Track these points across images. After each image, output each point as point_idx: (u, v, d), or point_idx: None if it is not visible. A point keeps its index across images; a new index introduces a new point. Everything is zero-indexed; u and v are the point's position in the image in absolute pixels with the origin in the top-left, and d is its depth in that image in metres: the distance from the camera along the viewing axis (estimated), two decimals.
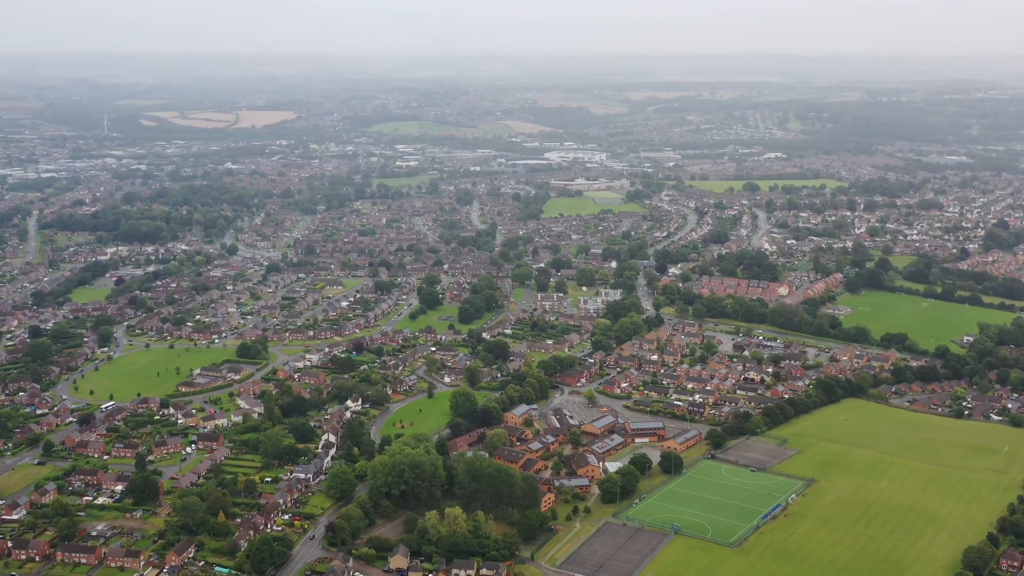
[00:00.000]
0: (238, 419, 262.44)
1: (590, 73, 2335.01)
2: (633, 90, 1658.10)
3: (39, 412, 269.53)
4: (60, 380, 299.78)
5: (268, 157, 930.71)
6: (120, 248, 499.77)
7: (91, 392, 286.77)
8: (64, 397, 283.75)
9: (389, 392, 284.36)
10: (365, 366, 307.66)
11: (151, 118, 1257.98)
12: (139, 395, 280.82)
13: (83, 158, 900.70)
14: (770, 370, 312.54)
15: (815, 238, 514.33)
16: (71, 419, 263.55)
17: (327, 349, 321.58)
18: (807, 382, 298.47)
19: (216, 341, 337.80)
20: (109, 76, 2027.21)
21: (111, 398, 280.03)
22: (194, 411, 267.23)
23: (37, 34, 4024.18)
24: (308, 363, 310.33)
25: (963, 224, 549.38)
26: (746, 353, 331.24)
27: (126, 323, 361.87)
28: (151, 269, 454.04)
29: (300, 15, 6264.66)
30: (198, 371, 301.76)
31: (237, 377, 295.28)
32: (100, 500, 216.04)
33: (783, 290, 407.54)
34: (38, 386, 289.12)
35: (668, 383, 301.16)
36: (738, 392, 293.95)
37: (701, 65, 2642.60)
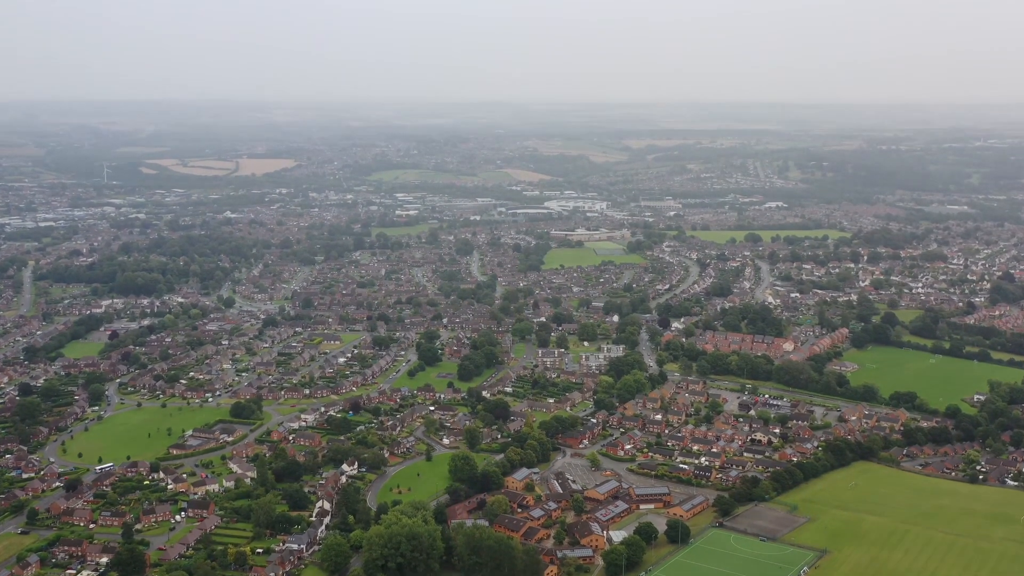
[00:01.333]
0: (230, 484, 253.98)
1: (589, 120, 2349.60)
2: (633, 138, 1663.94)
3: (25, 476, 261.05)
4: (48, 441, 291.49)
5: (267, 206, 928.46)
6: (115, 300, 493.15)
7: (79, 455, 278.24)
8: (51, 460, 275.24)
9: (386, 455, 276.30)
10: (362, 427, 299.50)
11: (151, 166, 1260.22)
12: (128, 458, 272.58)
13: (82, 206, 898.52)
14: (777, 431, 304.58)
15: (819, 291, 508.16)
16: (57, 484, 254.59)
17: (323, 409, 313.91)
18: (815, 444, 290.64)
19: (210, 400, 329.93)
20: (111, 123, 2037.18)
21: (100, 461, 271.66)
22: (185, 475, 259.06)
23: (40, 81, 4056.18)
24: (303, 424, 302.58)
25: (968, 276, 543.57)
26: (752, 412, 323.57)
27: (118, 380, 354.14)
28: (146, 323, 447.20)
29: (301, 62, 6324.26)
30: (190, 432, 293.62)
31: (230, 439, 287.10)
32: (84, 573, 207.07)
33: (788, 346, 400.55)
34: (25, 448, 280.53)
35: (673, 445, 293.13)
36: (745, 455, 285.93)
37: (700, 113, 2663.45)
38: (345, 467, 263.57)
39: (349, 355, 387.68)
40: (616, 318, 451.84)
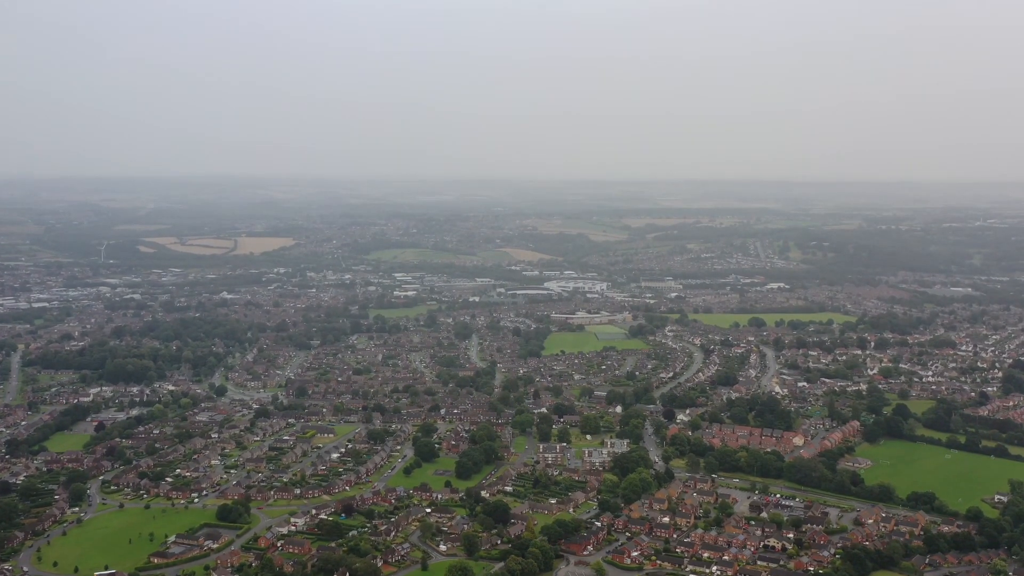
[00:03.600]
0: None
1: (588, 198, 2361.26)
2: (632, 216, 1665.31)
3: None
4: (23, 547, 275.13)
5: (265, 286, 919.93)
6: (104, 389, 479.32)
7: (55, 564, 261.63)
8: (25, 569, 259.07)
9: (379, 564, 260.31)
10: (354, 531, 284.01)
11: (149, 244, 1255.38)
12: (106, 567, 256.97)
13: (77, 286, 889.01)
14: (791, 535, 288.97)
15: (827, 380, 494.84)
16: None
17: (314, 511, 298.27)
18: (832, 551, 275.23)
19: (196, 500, 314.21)
20: (112, 200, 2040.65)
21: (76, 571, 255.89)
22: None
23: (44, 158, 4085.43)
24: (293, 528, 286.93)
25: (978, 364, 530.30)
26: (764, 515, 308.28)
27: (102, 477, 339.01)
28: (134, 413, 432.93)
29: (303, 140, 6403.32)
30: (173, 538, 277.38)
31: (215, 546, 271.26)
32: None
33: (798, 440, 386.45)
34: None
35: (682, 552, 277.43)
36: (759, 563, 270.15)
37: (698, 191, 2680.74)
38: None
39: (343, 450, 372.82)
40: (619, 408, 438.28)
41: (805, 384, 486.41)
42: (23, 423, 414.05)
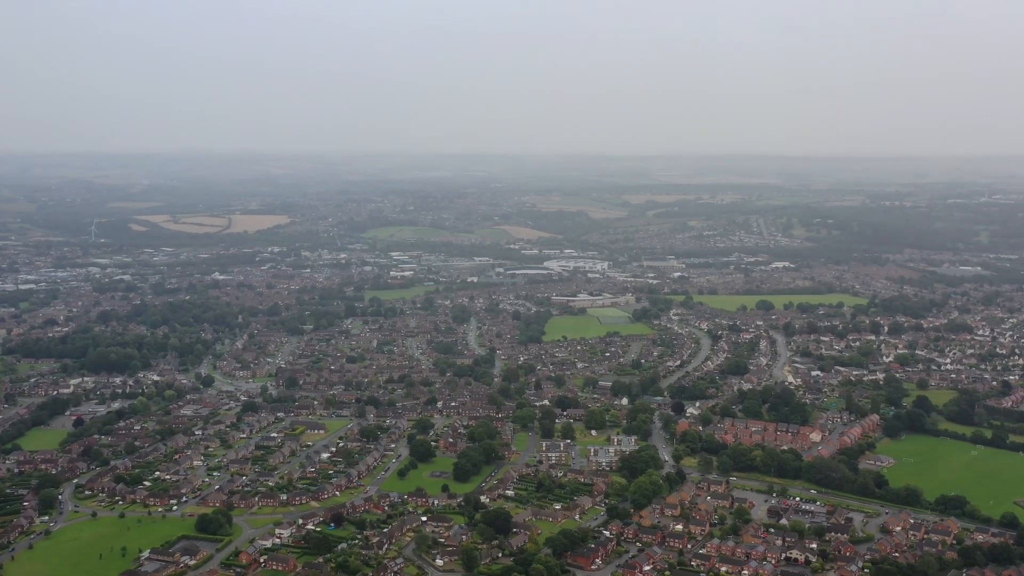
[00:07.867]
0: None
1: (587, 174, 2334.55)
2: (631, 193, 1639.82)
3: None
4: None
5: (258, 266, 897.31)
6: (86, 379, 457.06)
7: None
8: None
9: None
10: (344, 543, 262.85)
11: (142, 222, 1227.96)
12: None
13: (66, 267, 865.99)
14: (814, 546, 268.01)
15: (841, 368, 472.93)
16: None
17: (301, 520, 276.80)
18: (860, 564, 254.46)
19: (174, 508, 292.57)
20: (105, 177, 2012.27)
21: None
22: None
23: (39, 135, 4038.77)
24: (277, 540, 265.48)
25: (998, 351, 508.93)
26: (784, 522, 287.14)
27: (76, 480, 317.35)
28: (116, 406, 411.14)
29: (299, 114, 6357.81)
30: (147, 553, 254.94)
31: (192, 562, 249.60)
32: None
33: (816, 436, 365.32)
34: None
35: (698, 565, 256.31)
36: None
37: (697, 166, 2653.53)
38: None
39: (333, 449, 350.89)
40: (625, 401, 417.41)
41: (819, 373, 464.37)
42: None
